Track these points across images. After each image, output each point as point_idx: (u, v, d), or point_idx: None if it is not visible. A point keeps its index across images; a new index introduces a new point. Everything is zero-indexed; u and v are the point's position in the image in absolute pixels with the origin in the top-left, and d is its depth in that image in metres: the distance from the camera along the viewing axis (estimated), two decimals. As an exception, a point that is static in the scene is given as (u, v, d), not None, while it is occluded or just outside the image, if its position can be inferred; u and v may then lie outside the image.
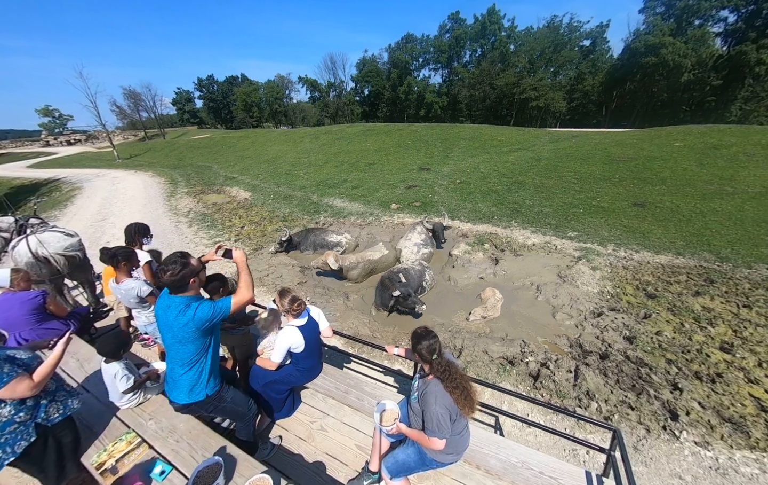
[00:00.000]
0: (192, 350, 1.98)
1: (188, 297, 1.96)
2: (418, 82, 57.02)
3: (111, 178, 20.99)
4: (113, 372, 2.41)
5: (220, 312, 1.97)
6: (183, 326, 1.91)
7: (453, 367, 1.80)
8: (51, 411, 1.97)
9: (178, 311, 1.90)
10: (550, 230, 8.84)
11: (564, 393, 4.22)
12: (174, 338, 1.95)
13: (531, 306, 6.06)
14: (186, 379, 2.02)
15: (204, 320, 1.92)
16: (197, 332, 1.94)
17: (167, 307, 1.95)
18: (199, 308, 1.92)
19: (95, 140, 55.80)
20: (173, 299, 1.95)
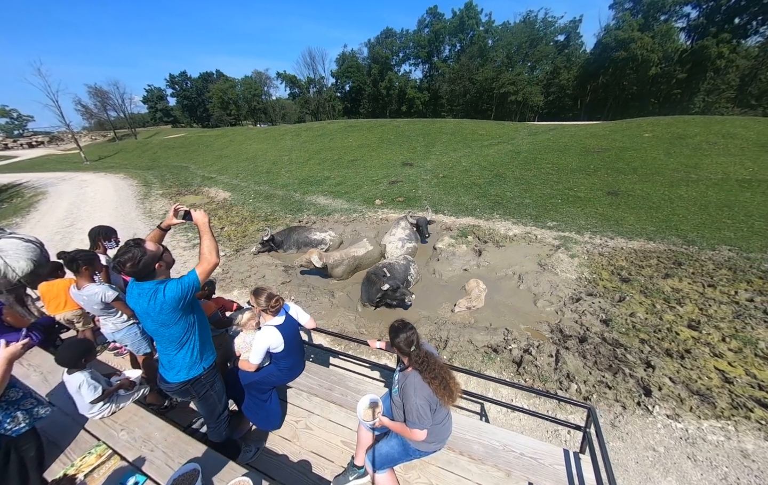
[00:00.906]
0: (179, 331, 1.94)
1: (155, 282, 1.88)
2: (399, 78, 57.00)
3: (78, 181, 19.81)
4: (77, 383, 2.25)
5: (190, 286, 1.88)
6: (159, 312, 1.84)
7: (431, 358, 1.80)
8: (15, 420, 1.85)
9: (149, 298, 1.83)
10: (531, 221, 9.07)
11: (546, 376, 4.34)
12: (156, 324, 1.90)
13: (513, 295, 6.20)
14: (180, 357, 1.99)
15: (177, 299, 1.84)
16: (176, 312, 1.88)
17: (138, 296, 1.87)
18: (167, 289, 1.83)
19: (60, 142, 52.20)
20: (142, 287, 1.87)
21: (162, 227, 2.19)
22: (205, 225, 2.00)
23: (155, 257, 1.89)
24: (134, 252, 1.81)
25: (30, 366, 2.84)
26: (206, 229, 1.99)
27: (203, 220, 2.02)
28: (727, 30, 35.17)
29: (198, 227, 2.02)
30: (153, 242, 1.98)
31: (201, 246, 1.97)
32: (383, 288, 5.55)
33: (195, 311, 2.03)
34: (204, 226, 2.00)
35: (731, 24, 35.55)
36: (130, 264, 1.79)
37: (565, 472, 1.92)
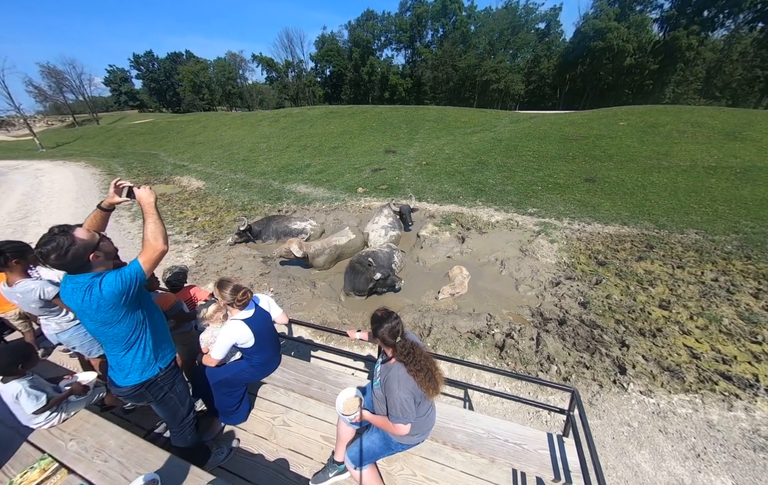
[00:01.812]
0: (125, 330, 1.67)
1: (90, 275, 1.58)
2: (381, 63, 55.77)
3: (33, 170, 18.18)
4: (13, 393, 1.97)
5: (132, 278, 1.59)
6: (97, 310, 1.55)
7: (417, 349, 1.69)
8: None
9: (83, 294, 1.53)
10: (512, 208, 9.16)
11: (527, 359, 4.40)
12: (95, 323, 1.60)
13: (496, 281, 6.24)
14: (129, 359, 1.73)
15: (117, 295, 1.56)
16: (117, 309, 1.60)
17: (71, 291, 1.56)
18: (104, 283, 1.55)
19: (10, 127, 47.54)
20: (75, 281, 1.57)
21: (103, 207, 1.82)
22: (151, 205, 1.69)
23: (88, 247, 1.58)
24: (59, 241, 1.50)
25: (-39, 373, 2.50)
26: (152, 210, 1.68)
27: (148, 199, 1.70)
28: (697, 22, 36.68)
29: (142, 206, 1.70)
30: (87, 230, 1.65)
31: (144, 230, 1.66)
32: (375, 277, 5.45)
33: (144, 306, 1.76)
34: (149, 206, 1.68)
35: (700, 16, 37.08)
36: (55, 255, 1.49)
37: (549, 456, 1.89)
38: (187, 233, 8.77)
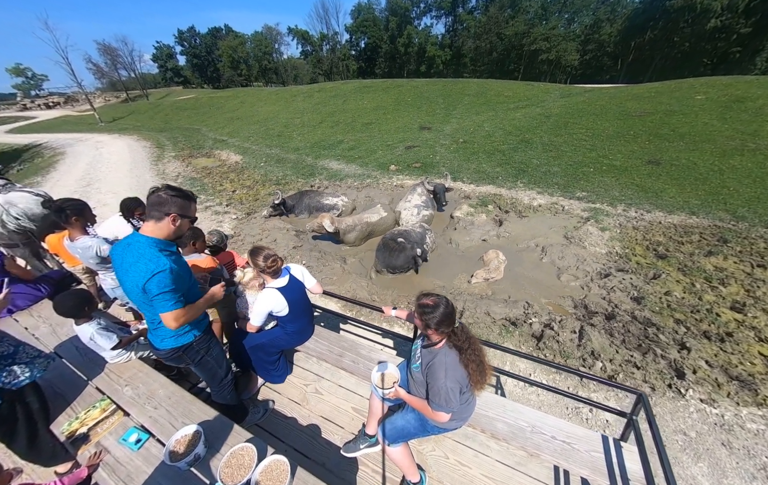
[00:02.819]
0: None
1: (158, 256, 1.59)
2: (419, 33, 52.80)
3: (94, 142, 19.97)
4: (88, 334, 2.19)
5: (158, 301, 1.61)
6: (137, 285, 1.58)
7: (472, 336, 1.56)
8: (14, 374, 1.78)
9: (140, 264, 1.55)
10: (558, 191, 8.42)
11: (568, 353, 4.11)
12: (135, 292, 1.64)
13: (535, 268, 5.85)
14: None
15: (150, 289, 1.59)
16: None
17: (126, 246, 1.61)
18: (154, 280, 1.56)
19: (75, 103, 52.16)
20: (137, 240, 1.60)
21: None
22: (208, 301, 1.92)
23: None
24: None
25: (39, 317, 2.82)
26: (205, 305, 1.89)
27: (214, 296, 1.96)
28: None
29: (206, 293, 1.93)
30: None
31: (192, 308, 1.76)
32: (417, 253, 5.39)
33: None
34: (207, 302, 1.91)
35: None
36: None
37: (602, 460, 1.71)
38: (226, 204, 9.19)
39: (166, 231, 1.64)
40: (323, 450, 2.22)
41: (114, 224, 2.83)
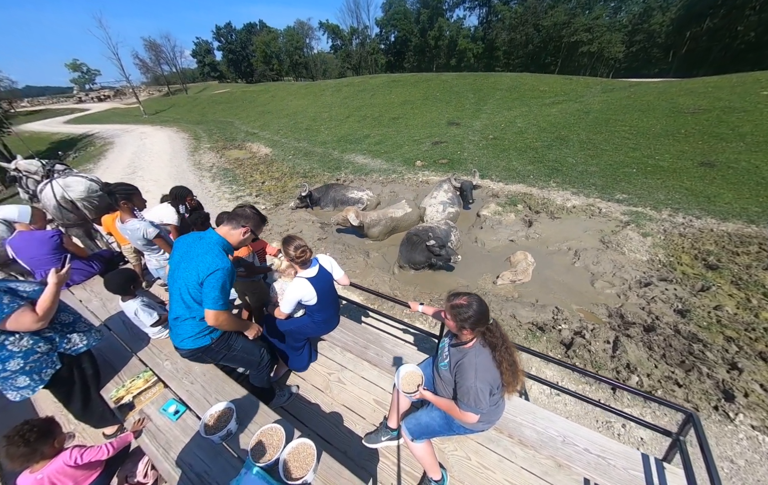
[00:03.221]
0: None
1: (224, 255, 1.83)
2: (450, 26, 51.36)
3: (139, 133, 21.44)
4: (133, 310, 2.38)
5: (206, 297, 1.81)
6: (191, 276, 1.78)
7: (506, 336, 1.51)
8: (73, 341, 1.97)
9: (207, 256, 1.78)
10: (595, 192, 7.92)
11: (600, 363, 3.88)
12: (179, 279, 1.81)
13: (567, 272, 5.57)
14: (188, 325, 1.88)
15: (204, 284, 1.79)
16: (198, 290, 1.82)
17: (199, 239, 1.85)
18: (211, 280, 1.76)
19: (123, 96, 56.43)
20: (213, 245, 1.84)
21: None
22: (251, 331, 2.19)
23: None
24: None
25: (92, 292, 3.10)
26: (245, 327, 2.17)
27: (254, 333, 2.21)
28: None
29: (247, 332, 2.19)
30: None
31: (236, 318, 2.03)
32: (428, 243, 5.30)
33: None
34: (251, 331, 2.19)
35: None
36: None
37: (643, 480, 1.59)
38: (255, 195, 9.55)
39: (236, 238, 1.92)
40: (345, 438, 2.26)
41: (162, 210, 3.05)
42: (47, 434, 1.45)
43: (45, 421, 1.48)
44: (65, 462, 1.50)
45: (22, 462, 1.40)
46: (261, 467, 1.54)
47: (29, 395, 1.79)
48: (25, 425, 1.41)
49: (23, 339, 1.76)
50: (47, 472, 1.46)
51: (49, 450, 1.46)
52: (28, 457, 1.40)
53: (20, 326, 1.65)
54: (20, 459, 1.39)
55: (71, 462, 1.51)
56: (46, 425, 1.47)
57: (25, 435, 1.38)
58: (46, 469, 1.47)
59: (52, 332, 1.89)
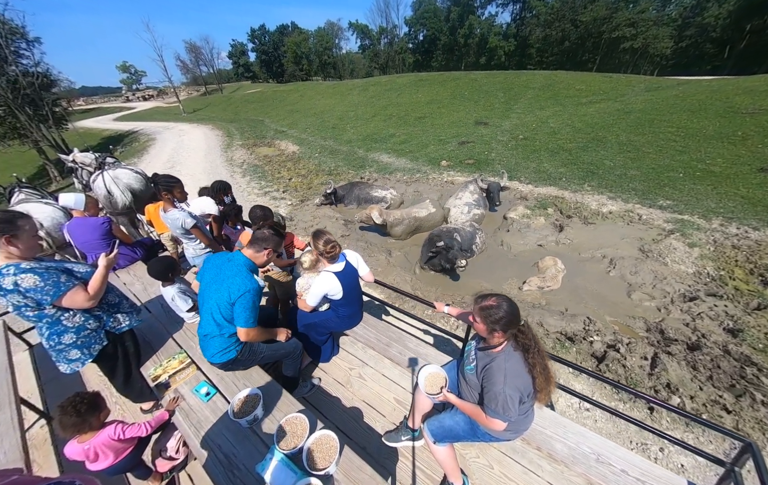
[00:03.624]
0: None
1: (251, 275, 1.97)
2: (481, 23, 50.07)
3: (178, 130, 22.85)
4: (170, 295, 2.53)
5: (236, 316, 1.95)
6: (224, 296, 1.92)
7: (538, 338, 1.45)
8: (118, 320, 2.12)
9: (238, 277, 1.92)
10: (635, 197, 7.40)
11: (636, 380, 3.63)
12: (217, 295, 1.94)
13: (600, 281, 5.25)
14: (216, 342, 2.00)
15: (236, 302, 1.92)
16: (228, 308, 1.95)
17: (228, 260, 1.99)
18: (244, 296, 1.90)
19: (165, 96, 60.53)
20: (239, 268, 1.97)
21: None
22: (280, 334, 2.33)
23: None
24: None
25: (135, 276, 3.33)
26: (276, 335, 2.30)
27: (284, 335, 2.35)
28: None
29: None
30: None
31: (264, 329, 2.14)
32: (438, 244, 5.25)
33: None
34: (282, 334, 2.33)
35: None
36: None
37: (687, 512, 1.46)
38: (282, 191, 9.85)
39: (261, 260, 2.07)
40: (365, 434, 2.27)
41: (203, 203, 3.27)
42: (95, 407, 1.57)
43: (93, 395, 1.60)
44: (110, 435, 1.62)
45: (72, 431, 1.52)
46: (285, 454, 1.58)
47: (79, 368, 1.95)
48: (76, 397, 1.53)
49: (76, 316, 1.92)
50: (94, 443, 1.59)
51: (96, 422, 1.58)
52: (78, 427, 1.52)
53: (74, 303, 1.80)
54: (71, 429, 1.51)
55: (114, 436, 1.63)
56: (94, 398, 1.59)
57: (77, 406, 1.50)
58: (94, 440, 1.58)
59: (100, 311, 2.05)
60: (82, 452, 1.58)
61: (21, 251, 1.69)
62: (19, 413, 2.07)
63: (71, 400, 1.52)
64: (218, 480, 1.58)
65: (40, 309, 1.75)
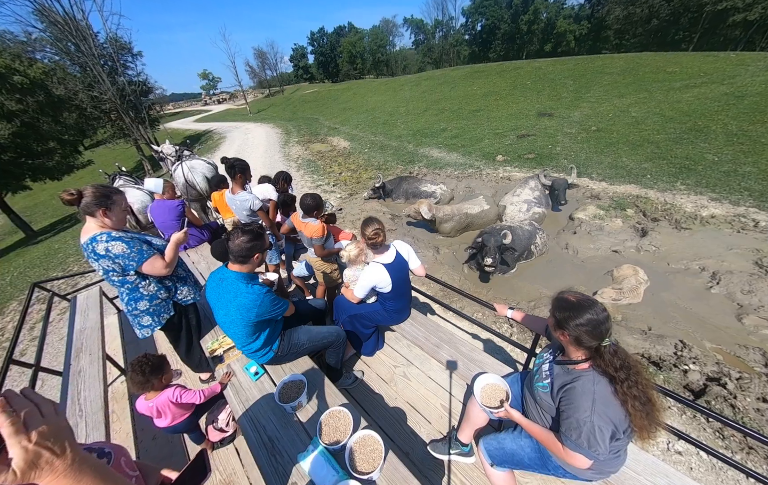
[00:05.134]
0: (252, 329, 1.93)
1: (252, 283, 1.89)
2: (548, 6, 45.80)
3: (244, 130, 25.18)
4: None
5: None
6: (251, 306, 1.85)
7: (634, 363, 1.13)
8: (184, 293, 2.29)
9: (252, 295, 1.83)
10: (748, 198, 5.98)
11: (752, 425, 2.87)
12: (227, 318, 1.90)
13: (697, 299, 4.33)
14: (253, 346, 1.98)
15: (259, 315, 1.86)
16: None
17: (220, 281, 1.90)
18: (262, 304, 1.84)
19: (235, 99, 67.62)
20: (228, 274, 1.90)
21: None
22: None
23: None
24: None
25: (201, 256, 3.63)
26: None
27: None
28: None
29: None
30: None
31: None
32: (477, 240, 4.95)
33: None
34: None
35: None
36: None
37: None
38: (333, 184, 10.12)
39: (252, 268, 1.94)
40: (408, 438, 2.11)
41: (266, 188, 3.52)
42: (157, 369, 1.70)
43: (158, 357, 1.73)
44: (168, 397, 1.73)
45: (139, 388, 1.67)
46: (327, 448, 1.50)
47: (149, 334, 2.14)
48: (143, 358, 1.69)
49: (151, 285, 2.10)
50: (156, 402, 1.72)
51: (158, 384, 1.71)
52: (143, 385, 1.66)
53: (153, 269, 1.98)
54: (138, 386, 1.66)
55: (173, 398, 1.74)
56: (158, 361, 1.72)
57: (143, 366, 1.65)
58: (156, 399, 1.72)
59: (170, 283, 2.22)
60: (147, 408, 1.72)
61: (113, 223, 1.90)
62: (104, 368, 2.36)
63: (139, 360, 1.67)
64: (261, 461, 1.57)
65: (124, 275, 1.94)
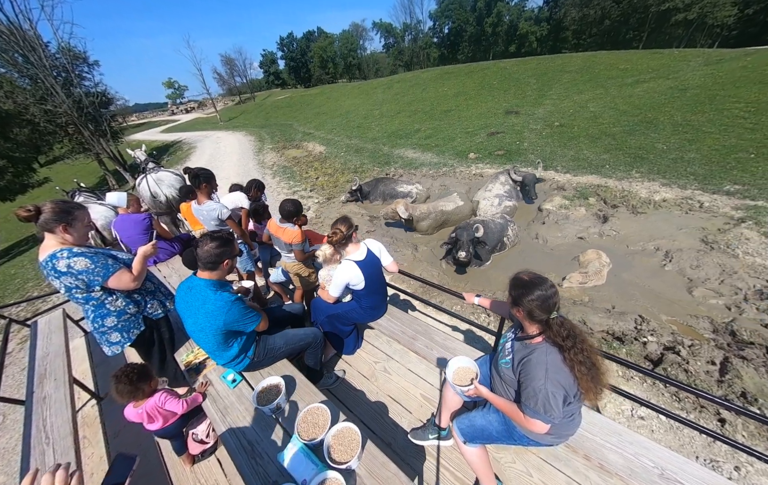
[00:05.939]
0: (222, 339, 1.91)
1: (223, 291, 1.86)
2: (510, 9, 47.88)
3: (215, 138, 24.30)
4: None
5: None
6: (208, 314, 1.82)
7: (579, 332, 1.26)
8: (154, 306, 2.22)
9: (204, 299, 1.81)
10: (694, 182, 6.57)
11: (701, 388, 3.16)
12: (196, 326, 1.87)
13: (653, 276, 4.71)
14: (227, 355, 1.98)
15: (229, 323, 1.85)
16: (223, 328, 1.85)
17: (189, 289, 1.87)
18: (230, 312, 1.82)
19: (204, 107, 64.83)
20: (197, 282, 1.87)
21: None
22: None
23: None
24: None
25: (172, 268, 3.52)
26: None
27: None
28: None
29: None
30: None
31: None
32: (450, 236, 5.08)
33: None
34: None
35: None
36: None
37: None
38: (310, 189, 10.05)
39: (222, 275, 1.91)
40: (390, 429, 2.17)
41: (237, 197, 3.45)
42: (145, 375, 1.72)
43: (142, 366, 1.75)
44: (156, 402, 1.76)
45: (128, 397, 1.68)
46: (306, 444, 1.52)
47: (118, 351, 2.07)
48: (127, 367, 1.69)
49: (118, 300, 2.03)
50: (146, 407, 1.74)
51: (147, 389, 1.74)
52: (133, 393, 1.68)
53: (120, 283, 1.93)
54: (127, 395, 1.67)
55: (159, 403, 1.77)
56: (143, 368, 1.74)
57: (129, 374, 1.66)
58: (146, 404, 1.74)
59: (139, 296, 2.15)
60: (136, 415, 1.75)
61: (74, 239, 1.84)
62: (71, 392, 2.24)
63: (123, 370, 1.67)
64: (241, 465, 1.57)
65: (89, 291, 1.87)
